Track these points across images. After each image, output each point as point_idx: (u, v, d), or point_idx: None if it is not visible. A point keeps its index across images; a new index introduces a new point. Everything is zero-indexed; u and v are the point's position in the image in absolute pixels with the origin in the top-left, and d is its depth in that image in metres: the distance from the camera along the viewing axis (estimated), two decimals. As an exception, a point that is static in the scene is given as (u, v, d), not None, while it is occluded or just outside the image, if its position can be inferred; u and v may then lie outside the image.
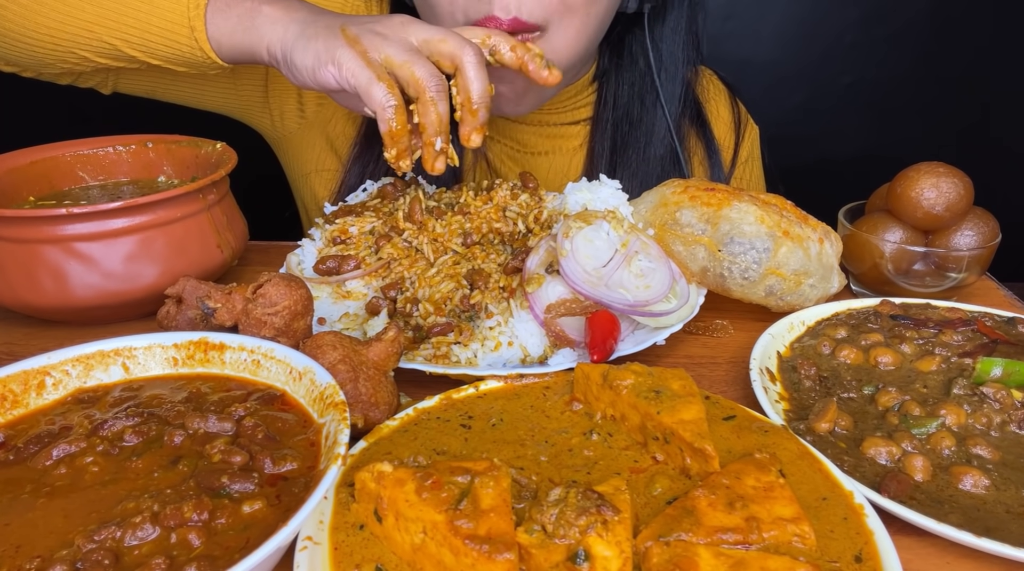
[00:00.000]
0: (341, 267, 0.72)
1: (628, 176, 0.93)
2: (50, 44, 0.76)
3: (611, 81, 0.93)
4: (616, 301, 0.64)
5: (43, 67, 0.80)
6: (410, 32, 0.65)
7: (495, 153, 0.98)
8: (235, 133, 1.01)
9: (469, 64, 0.64)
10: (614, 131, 0.93)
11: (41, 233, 0.66)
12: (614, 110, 0.93)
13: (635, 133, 0.92)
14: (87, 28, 0.74)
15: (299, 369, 0.51)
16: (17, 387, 0.50)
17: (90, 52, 0.76)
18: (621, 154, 0.94)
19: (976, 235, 0.77)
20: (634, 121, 0.92)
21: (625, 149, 0.93)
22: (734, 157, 1.02)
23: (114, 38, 0.74)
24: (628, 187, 0.79)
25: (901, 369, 0.63)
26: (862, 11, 2.16)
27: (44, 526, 0.40)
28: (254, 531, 0.40)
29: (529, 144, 0.97)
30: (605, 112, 0.93)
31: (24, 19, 0.74)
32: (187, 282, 0.61)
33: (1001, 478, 0.50)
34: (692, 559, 0.39)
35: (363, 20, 0.67)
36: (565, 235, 0.66)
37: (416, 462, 0.47)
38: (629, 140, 0.93)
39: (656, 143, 0.92)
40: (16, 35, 0.76)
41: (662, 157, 0.93)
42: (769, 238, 0.70)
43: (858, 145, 2.31)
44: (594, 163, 0.94)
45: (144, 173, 0.85)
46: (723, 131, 1.03)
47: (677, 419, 0.49)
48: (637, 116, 0.92)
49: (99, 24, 0.73)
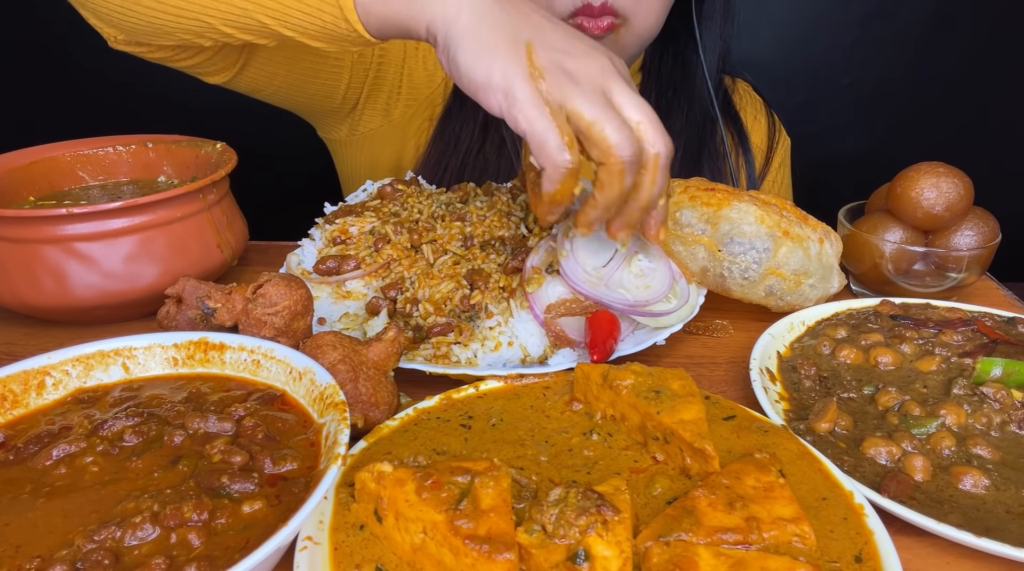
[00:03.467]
0: (341, 267, 0.72)
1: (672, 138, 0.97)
2: (194, 17, 0.66)
3: (656, 55, 0.98)
4: (616, 301, 0.64)
5: (181, 40, 0.70)
6: (611, 86, 0.54)
7: None
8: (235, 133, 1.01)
9: (657, 166, 0.55)
10: (659, 98, 0.97)
11: (41, 233, 0.66)
12: (659, 79, 0.98)
13: (678, 100, 0.97)
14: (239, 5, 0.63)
15: (299, 369, 0.51)
16: (17, 387, 0.50)
17: (231, 28, 0.65)
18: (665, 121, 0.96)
19: (976, 235, 0.77)
20: (677, 87, 0.97)
21: (668, 116, 0.96)
22: (767, 162, 1.06)
23: (265, 15, 0.62)
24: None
25: (901, 369, 0.63)
26: (863, 10, 2.16)
27: (44, 526, 0.40)
28: (254, 531, 0.40)
29: None
30: (650, 83, 0.98)
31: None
32: (187, 282, 0.61)
33: (1001, 478, 0.50)
34: (692, 559, 0.39)
35: (553, 40, 0.55)
36: (565, 235, 0.66)
37: (416, 462, 0.47)
38: (673, 107, 0.97)
39: (696, 110, 0.97)
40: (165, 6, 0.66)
41: (701, 124, 0.97)
42: (769, 238, 0.70)
43: (858, 145, 2.31)
44: None
45: (144, 173, 0.85)
46: (759, 136, 1.07)
47: (677, 419, 0.49)
48: (679, 83, 0.97)
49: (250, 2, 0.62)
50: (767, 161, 1.06)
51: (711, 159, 0.98)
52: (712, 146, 0.98)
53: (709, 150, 0.98)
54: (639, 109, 0.54)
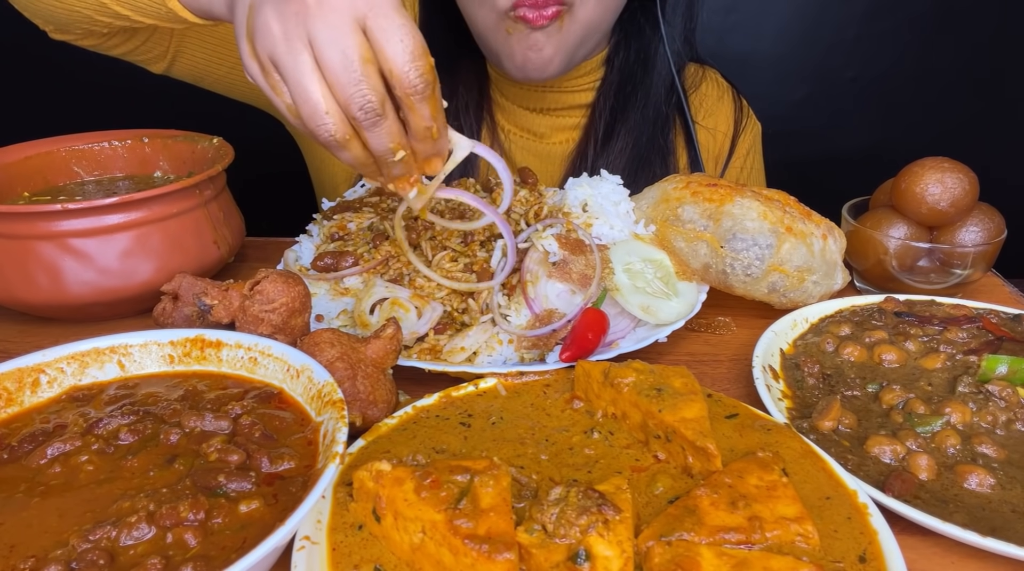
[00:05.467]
0: (339, 263, 0.71)
1: (625, 132, 0.98)
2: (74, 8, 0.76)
3: (619, 50, 0.99)
4: None
5: (91, 28, 0.80)
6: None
7: (511, 140, 1.01)
8: (232, 128, 1.00)
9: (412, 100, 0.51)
10: (618, 91, 0.98)
11: (36, 229, 0.65)
12: (620, 73, 0.98)
13: (635, 95, 0.98)
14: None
15: (296, 367, 0.50)
16: (11, 385, 0.50)
17: (93, 11, 0.74)
18: (622, 113, 0.99)
19: (981, 231, 0.76)
20: (636, 83, 0.98)
21: (626, 108, 0.98)
22: (732, 148, 1.06)
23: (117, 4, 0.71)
24: (624, 146, 0.83)
25: (905, 367, 0.63)
26: (866, 5, 2.15)
27: (39, 526, 0.40)
28: (251, 531, 0.39)
29: (534, 126, 1.00)
30: (612, 75, 0.99)
31: None
32: (183, 278, 0.60)
33: (1007, 477, 0.50)
34: (694, 559, 0.39)
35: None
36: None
37: (415, 461, 0.46)
38: (631, 101, 0.98)
39: (651, 106, 0.99)
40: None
41: (654, 120, 0.99)
42: (772, 234, 0.70)
43: (862, 140, 2.30)
44: (594, 123, 0.99)
45: (140, 168, 0.84)
46: (724, 123, 1.06)
47: (679, 417, 0.48)
48: (639, 79, 0.98)
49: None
50: (732, 147, 1.06)
51: (661, 156, 0.99)
52: (664, 142, 1.00)
53: (660, 147, 0.99)
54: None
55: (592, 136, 0.98)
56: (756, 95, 1.11)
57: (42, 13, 0.79)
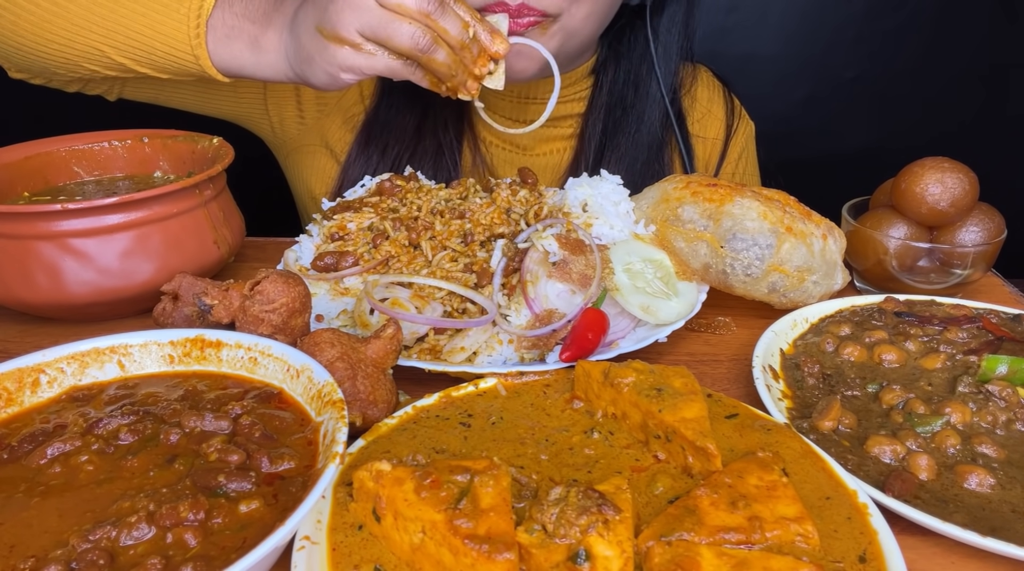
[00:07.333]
0: (339, 263, 0.71)
1: (616, 159, 0.95)
2: (60, 58, 0.77)
3: (608, 70, 0.96)
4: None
5: (54, 76, 0.82)
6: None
7: (492, 153, 0.98)
8: (232, 128, 1.00)
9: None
10: (607, 115, 0.96)
11: (36, 229, 0.65)
12: (609, 95, 0.96)
13: (627, 118, 0.96)
14: (95, 46, 0.76)
15: (296, 367, 0.50)
16: (11, 385, 0.50)
17: (99, 66, 0.78)
18: (611, 138, 0.97)
19: (981, 231, 0.76)
20: (627, 107, 0.96)
21: (616, 134, 0.96)
22: (723, 152, 1.04)
23: (122, 57, 0.76)
24: (614, 171, 0.82)
25: (905, 367, 0.63)
26: (866, 4, 2.15)
27: (38, 526, 0.40)
28: (251, 531, 0.39)
29: (517, 138, 0.99)
30: (600, 97, 0.96)
31: (36, 33, 0.76)
32: (183, 278, 0.60)
33: (1007, 477, 0.50)
34: (694, 559, 0.39)
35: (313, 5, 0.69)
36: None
37: (415, 461, 0.46)
38: (621, 125, 0.96)
39: (644, 131, 0.97)
40: (30, 47, 0.77)
41: (648, 144, 0.97)
42: (772, 234, 0.70)
43: (862, 140, 2.30)
44: (584, 147, 0.96)
45: (140, 168, 0.84)
46: (716, 127, 1.04)
47: (679, 417, 0.48)
48: (630, 102, 0.96)
49: (107, 43, 0.75)
50: (724, 149, 1.04)
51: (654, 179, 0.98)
52: (658, 167, 0.97)
53: (654, 170, 0.96)
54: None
55: (582, 163, 0.94)
56: (756, 95, 1.10)
57: (13, 58, 0.80)
